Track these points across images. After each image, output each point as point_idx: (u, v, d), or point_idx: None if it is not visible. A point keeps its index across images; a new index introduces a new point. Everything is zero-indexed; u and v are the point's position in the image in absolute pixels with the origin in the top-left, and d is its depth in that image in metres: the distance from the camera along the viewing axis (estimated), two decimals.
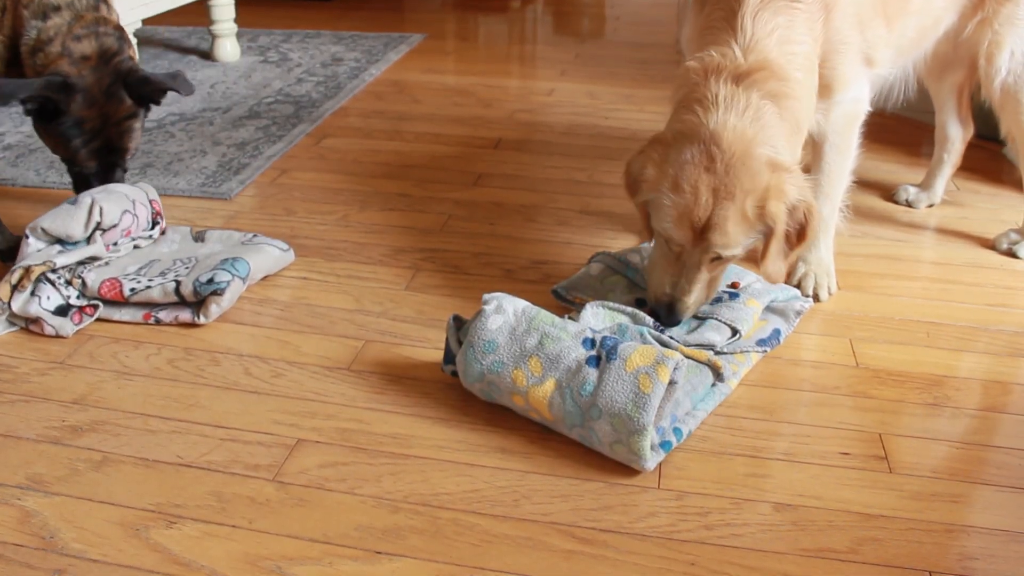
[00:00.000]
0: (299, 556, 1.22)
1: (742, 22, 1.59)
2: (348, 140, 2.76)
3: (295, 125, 2.84)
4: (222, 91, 3.18)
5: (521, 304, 1.52)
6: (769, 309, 1.75)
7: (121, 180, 1.96)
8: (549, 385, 1.41)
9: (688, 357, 1.51)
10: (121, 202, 1.86)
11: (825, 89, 1.72)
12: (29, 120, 2.78)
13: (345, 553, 1.23)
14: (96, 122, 1.85)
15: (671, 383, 1.36)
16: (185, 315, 1.76)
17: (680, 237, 1.57)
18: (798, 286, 1.87)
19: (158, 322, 1.76)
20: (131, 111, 1.89)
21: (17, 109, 2.88)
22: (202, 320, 1.75)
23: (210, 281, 1.75)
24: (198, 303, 1.77)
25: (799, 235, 1.59)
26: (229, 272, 1.78)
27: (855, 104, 1.81)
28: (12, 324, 1.74)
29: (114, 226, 1.85)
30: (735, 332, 1.64)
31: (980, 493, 1.36)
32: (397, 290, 1.91)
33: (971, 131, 2.28)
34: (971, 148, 2.34)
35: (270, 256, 1.92)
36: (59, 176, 2.42)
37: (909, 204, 2.34)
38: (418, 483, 1.36)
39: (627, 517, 1.30)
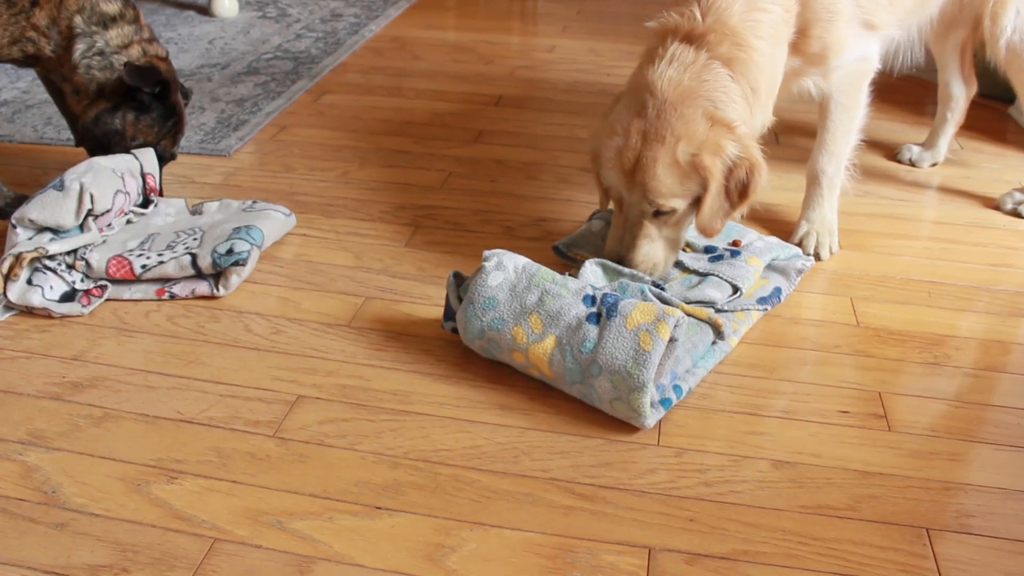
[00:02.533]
0: (299, 511, 1.23)
1: None
2: (348, 97, 2.73)
3: (294, 81, 2.82)
4: (220, 47, 3.15)
5: (522, 261, 1.51)
6: (770, 267, 1.75)
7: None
8: (549, 342, 1.41)
9: (689, 315, 1.51)
10: (112, 182, 1.77)
11: (817, 57, 1.71)
12: (24, 76, 2.76)
13: (345, 508, 1.23)
14: (180, 108, 2.04)
15: (671, 340, 1.36)
16: (203, 288, 1.70)
17: (614, 181, 1.62)
18: (800, 244, 1.87)
19: (173, 297, 1.69)
20: (186, 102, 2.13)
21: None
22: (221, 292, 1.69)
23: (229, 252, 1.69)
24: (215, 274, 1.72)
25: (740, 193, 1.58)
26: (247, 241, 1.72)
27: (861, 63, 1.79)
28: (11, 309, 1.65)
29: (108, 211, 1.77)
30: (736, 290, 1.64)
31: (978, 451, 1.36)
32: (397, 247, 1.90)
33: (974, 89, 2.26)
34: (976, 107, 2.32)
35: (276, 222, 1.86)
36: (56, 132, 2.40)
37: (912, 163, 2.33)
38: (418, 439, 1.36)
39: (626, 473, 1.30)
